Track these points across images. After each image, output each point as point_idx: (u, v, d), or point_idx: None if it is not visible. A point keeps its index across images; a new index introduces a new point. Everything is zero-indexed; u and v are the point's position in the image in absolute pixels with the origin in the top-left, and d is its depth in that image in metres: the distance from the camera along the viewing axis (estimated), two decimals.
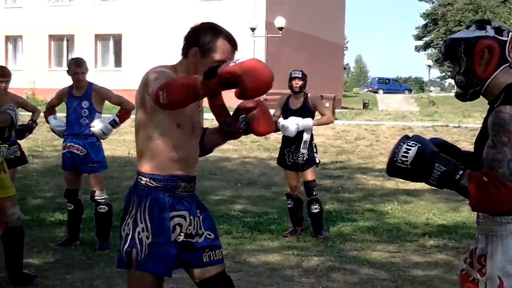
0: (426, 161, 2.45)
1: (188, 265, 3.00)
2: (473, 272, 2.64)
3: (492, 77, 2.62)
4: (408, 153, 2.48)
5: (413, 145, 2.49)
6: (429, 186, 2.52)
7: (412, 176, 2.51)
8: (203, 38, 2.88)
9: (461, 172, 2.41)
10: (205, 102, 2.90)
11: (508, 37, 2.63)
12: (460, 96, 2.72)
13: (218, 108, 2.93)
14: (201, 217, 3.02)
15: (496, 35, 2.64)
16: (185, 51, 2.93)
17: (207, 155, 3.26)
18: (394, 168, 2.52)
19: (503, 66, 2.63)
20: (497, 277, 2.47)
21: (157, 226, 2.87)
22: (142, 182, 2.91)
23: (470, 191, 2.38)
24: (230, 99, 2.90)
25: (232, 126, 3.00)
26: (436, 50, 69.50)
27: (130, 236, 2.88)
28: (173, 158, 2.89)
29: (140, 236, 2.86)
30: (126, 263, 2.88)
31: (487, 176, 2.37)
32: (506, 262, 2.46)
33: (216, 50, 2.86)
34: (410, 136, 2.59)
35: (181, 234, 2.92)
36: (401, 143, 2.52)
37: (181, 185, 2.92)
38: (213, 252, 3.02)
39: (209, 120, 5.56)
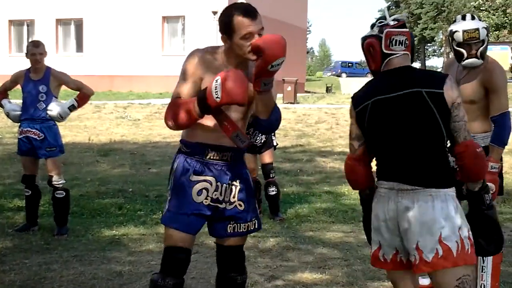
0: None
1: (213, 231, 3.33)
2: None
3: (381, 70, 3.05)
4: None
5: None
6: None
7: None
8: (223, 23, 3.00)
9: None
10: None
11: (383, 34, 3.01)
12: None
13: (225, 125, 3.04)
14: (237, 186, 3.25)
15: (378, 33, 3.02)
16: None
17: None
18: None
19: (387, 59, 3.03)
20: None
21: (178, 186, 3.16)
22: (180, 147, 3.25)
23: None
24: None
25: (245, 139, 3.12)
26: None
27: (167, 194, 3.22)
28: (202, 128, 3.11)
29: (169, 193, 3.22)
30: (161, 218, 3.24)
31: None
32: None
33: (236, 29, 2.95)
34: None
35: (207, 198, 3.18)
36: None
37: (209, 153, 3.15)
38: (238, 224, 3.28)
39: None
